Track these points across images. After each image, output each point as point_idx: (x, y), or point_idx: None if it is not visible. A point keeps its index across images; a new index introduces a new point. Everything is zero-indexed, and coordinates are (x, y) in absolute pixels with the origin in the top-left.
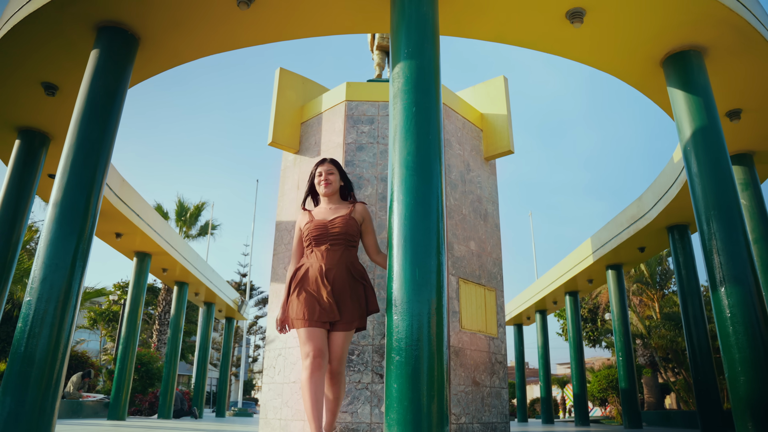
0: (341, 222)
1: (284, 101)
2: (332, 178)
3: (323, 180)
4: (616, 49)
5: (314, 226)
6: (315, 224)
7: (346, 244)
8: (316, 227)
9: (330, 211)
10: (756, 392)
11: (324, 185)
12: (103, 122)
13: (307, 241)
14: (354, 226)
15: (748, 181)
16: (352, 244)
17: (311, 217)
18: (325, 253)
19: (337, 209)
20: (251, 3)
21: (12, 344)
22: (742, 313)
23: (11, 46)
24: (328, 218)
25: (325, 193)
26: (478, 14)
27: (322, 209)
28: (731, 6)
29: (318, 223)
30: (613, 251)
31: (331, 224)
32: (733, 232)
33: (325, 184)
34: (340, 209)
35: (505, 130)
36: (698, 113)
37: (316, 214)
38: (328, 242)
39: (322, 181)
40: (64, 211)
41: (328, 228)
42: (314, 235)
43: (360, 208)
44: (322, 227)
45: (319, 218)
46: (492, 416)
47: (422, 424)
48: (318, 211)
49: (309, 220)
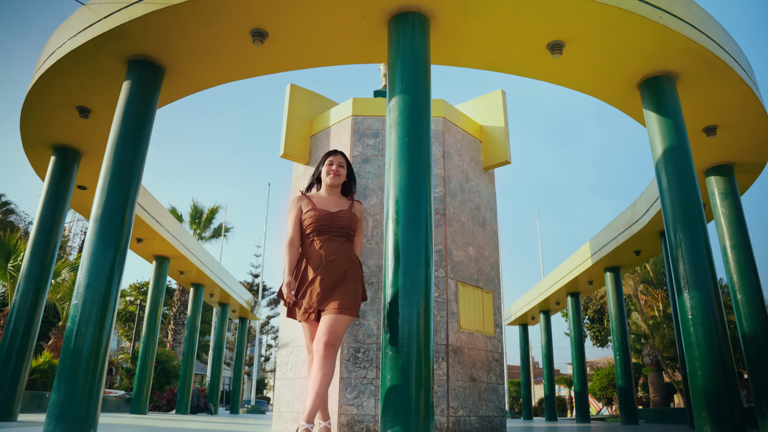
0: (346, 216)
1: (295, 115)
2: (342, 171)
3: (334, 170)
4: (595, 75)
5: (319, 215)
6: (320, 213)
7: (347, 237)
8: (321, 216)
9: (332, 203)
10: (711, 385)
11: (333, 175)
12: (135, 146)
13: (309, 228)
14: (355, 222)
15: (728, 190)
16: (350, 237)
17: (312, 204)
18: (326, 243)
19: (338, 202)
20: (265, 40)
21: (63, 341)
22: (702, 315)
23: (52, 76)
24: (332, 209)
25: (332, 183)
26: (467, 46)
27: (324, 199)
28: (695, 38)
29: (323, 212)
30: (610, 254)
31: (336, 216)
32: (696, 242)
33: (335, 174)
34: (341, 203)
35: (503, 142)
36: (668, 134)
37: (317, 202)
38: (331, 233)
39: (332, 170)
40: (104, 226)
41: (333, 219)
42: (319, 224)
43: (359, 206)
44: (327, 218)
45: (322, 207)
46: (489, 410)
47: (411, 408)
48: (320, 200)
49: (311, 207)
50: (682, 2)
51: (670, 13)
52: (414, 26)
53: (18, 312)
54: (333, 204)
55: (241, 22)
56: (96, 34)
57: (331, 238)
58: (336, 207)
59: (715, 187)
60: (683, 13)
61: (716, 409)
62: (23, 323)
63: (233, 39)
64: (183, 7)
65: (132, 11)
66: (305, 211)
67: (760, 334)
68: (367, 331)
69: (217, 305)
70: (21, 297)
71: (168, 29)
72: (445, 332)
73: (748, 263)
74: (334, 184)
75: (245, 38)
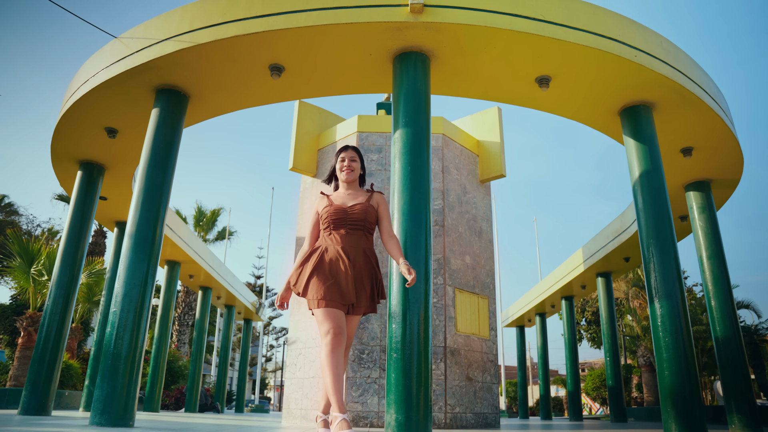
0: (361, 208)
1: (303, 131)
2: (355, 165)
3: (346, 166)
4: (579, 104)
5: (334, 210)
6: (335, 208)
7: (364, 230)
8: (335, 211)
9: (349, 197)
10: (676, 383)
11: (346, 172)
12: (164, 167)
13: (325, 224)
14: (372, 213)
15: (704, 205)
16: (369, 230)
17: (330, 201)
18: (343, 237)
19: (355, 196)
20: (282, 73)
21: (104, 344)
22: (670, 321)
23: (86, 102)
24: (347, 203)
25: (346, 179)
26: (463, 80)
27: (341, 195)
28: (667, 74)
29: (338, 207)
30: (601, 260)
31: (351, 209)
32: (667, 257)
33: (348, 170)
34: (358, 196)
35: (499, 156)
36: (644, 158)
37: (334, 198)
38: (347, 227)
39: (345, 167)
40: (138, 242)
41: (348, 213)
42: (334, 218)
43: (378, 196)
44: (342, 212)
45: (338, 203)
46: (483, 407)
47: (412, 403)
48: (337, 196)
49: (328, 204)
50: (656, 41)
51: (644, 52)
52: (416, 65)
53: (50, 316)
54: (349, 198)
55: (261, 59)
56: (129, 66)
57: (348, 232)
58: (352, 200)
59: (693, 201)
60: (657, 51)
61: (680, 406)
62: (55, 327)
63: (253, 72)
64: (209, 46)
65: (162, 48)
66: (323, 208)
67: (731, 338)
68: (372, 335)
69: (223, 307)
70: (53, 302)
71: (194, 64)
72: (443, 335)
73: (721, 272)
74: (349, 180)
75: (264, 72)
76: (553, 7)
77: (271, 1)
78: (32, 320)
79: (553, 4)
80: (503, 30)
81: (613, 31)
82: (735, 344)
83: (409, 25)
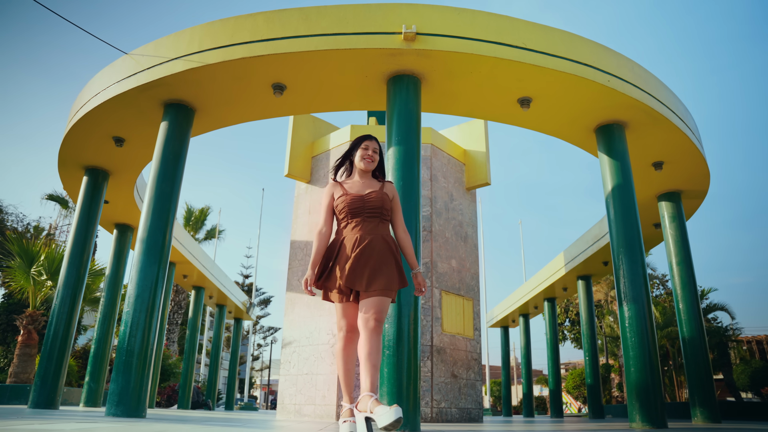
0: (376, 196)
1: (297, 139)
2: (376, 157)
3: (369, 155)
4: (558, 123)
5: (351, 198)
6: (351, 197)
7: (381, 218)
8: (353, 199)
9: (363, 186)
10: (640, 379)
11: (368, 161)
12: (172, 179)
13: (342, 213)
14: (387, 201)
15: (675, 214)
16: (385, 217)
17: (344, 190)
18: (361, 224)
19: (369, 185)
20: (284, 92)
21: (118, 341)
22: (636, 323)
23: (96, 113)
24: (362, 192)
25: (366, 168)
26: (451, 100)
27: (356, 183)
28: (637, 97)
29: (354, 195)
30: (582, 264)
31: (367, 197)
32: (634, 264)
33: (370, 160)
34: (372, 185)
35: (484, 165)
36: (616, 174)
37: (349, 187)
38: (365, 214)
39: (368, 155)
40: (149, 247)
41: (365, 200)
42: (352, 207)
43: (390, 186)
44: (359, 200)
45: (354, 191)
46: (467, 403)
47: (402, 395)
48: (351, 185)
49: (343, 193)
50: (627, 66)
51: (617, 77)
52: (408, 87)
53: (58, 315)
54: (364, 186)
55: (264, 78)
56: (140, 82)
57: (364, 219)
58: (367, 189)
59: (665, 211)
60: (629, 76)
61: (643, 398)
62: (63, 325)
63: (257, 90)
64: (217, 66)
65: (173, 66)
66: (337, 197)
67: (696, 338)
68: None
69: (214, 307)
70: (60, 302)
71: (202, 81)
72: (430, 335)
73: (689, 277)
74: (368, 170)
75: (267, 90)
76: (533, 36)
77: (276, 26)
78: (32, 319)
79: (533, 33)
80: (488, 57)
81: (588, 57)
82: (699, 344)
83: (403, 52)
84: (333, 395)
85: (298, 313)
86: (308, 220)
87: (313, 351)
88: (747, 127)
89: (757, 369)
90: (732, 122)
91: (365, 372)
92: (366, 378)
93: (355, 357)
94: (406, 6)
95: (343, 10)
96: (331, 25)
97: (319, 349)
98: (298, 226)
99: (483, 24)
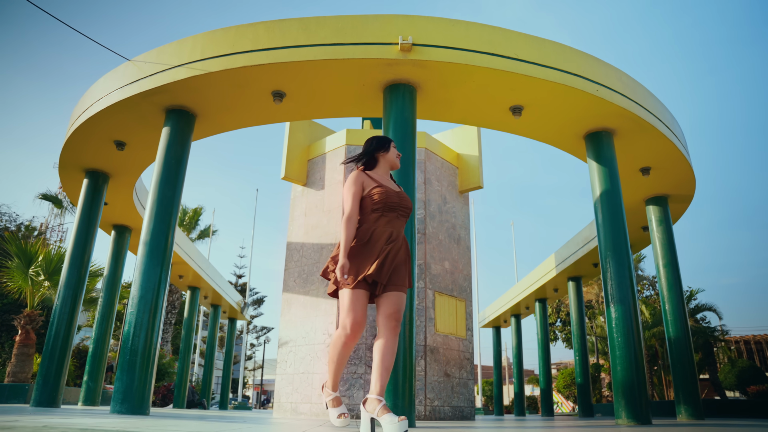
0: (406, 196)
1: (294, 143)
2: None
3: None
4: (549, 130)
5: (388, 193)
6: (388, 192)
7: (406, 217)
8: (390, 194)
9: (391, 183)
10: (626, 377)
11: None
12: (174, 183)
13: (378, 205)
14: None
15: (662, 218)
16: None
17: (377, 181)
18: (393, 222)
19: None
20: (283, 99)
21: (122, 341)
22: (623, 324)
23: (99, 118)
24: (394, 189)
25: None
26: (446, 107)
27: (384, 179)
28: (625, 105)
29: (391, 191)
30: (572, 266)
31: (402, 195)
32: (622, 268)
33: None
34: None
35: (477, 169)
36: (605, 180)
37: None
38: (399, 211)
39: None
40: (152, 250)
41: (402, 199)
42: (389, 201)
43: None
44: (396, 196)
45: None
46: (460, 401)
47: (399, 392)
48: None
49: (378, 184)
50: (615, 76)
51: (605, 86)
52: (404, 95)
53: (59, 316)
54: (392, 185)
55: (264, 86)
56: (143, 89)
57: (398, 216)
58: (396, 188)
59: (652, 214)
60: (616, 85)
61: (629, 396)
62: (64, 325)
63: (257, 97)
64: (219, 74)
65: (175, 73)
66: (371, 187)
67: (682, 339)
68: None
69: (209, 307)
70: (61, 302)
71: (203, 88)
72: (423, 335)
73: (675, 279)
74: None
75: (267, 97)
76: (525, 47)
77: (276, 36)
78: (30, 318)
79: (525, 44)
80: (481, 67)
81: (578, 68)
82: (685, 345)
83: (399, 62)
84: None
85: (294, 313)
86: (304, 222)
87: (309, 350)
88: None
89: (743, 368)
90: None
91: (377, 374)
92: (377, 380)
93: (348, 357)
94: (402, 17)
95: (341, 21)
96: (330, 35)
97: (315, 349)
98: (294, 228)
99: (476, 35)
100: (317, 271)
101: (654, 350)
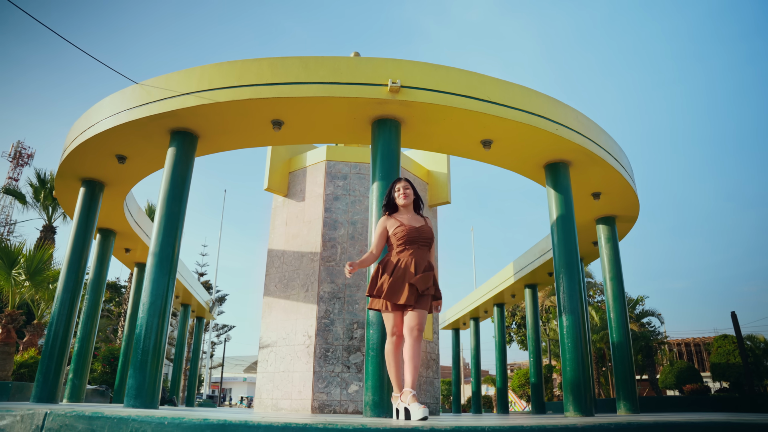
0: (429, 229)
1: (276, 155)
2: (409, 192)
3: (402, 193)
4: (514, 160)
5: (408, 229)
6: (408, 228)
7: (429, 247)
8: (411, 230)
9: (414, 219)
10: (574, 377)
11: (403, 196)
12: (179, 200)
13: (401, 240)
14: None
15: (609, 236)
16: (431, 247)
17: (400, 221)
18: (416, 252)
19: (417, 219)
20: (281, 126)
21: (134, 342)
22: (573, 331)
23: (105, 135)
24: (415, 225)
25: (405, 204)
26: (426, 139)
27: (406, 217)
28: (580, 142)
29: (410, 227)
30: (529, 274)
31: (422, 230)
32: (572, 281)
33: (404, 196)
34: (419, 219)
35: (446, 186)
36: (560, 205)
37: (404, 220)
38: (419, 243)
39: (402, 193)
40: (161, 260)
41: (420, 232)
42: (410, 236)
43: (430, 222)
44: (415, 231)
45: (408, 224)
46: (427, 398)
47: (383, 388)
48: (403, 218)
49: (400, 224)
50: (573, 116)
51: (563, 125)
52: (390, 129)
53: (58, 317)
54: (415, 220)
55: (265, 115)
56: (151, 112)
57: (419, 247)
58: (418, 222)
59: (601, 233)
60: (573, 124)
61: (575, 393)
62: (62, 326)
63: (257, 124)
64: (224, 104)
65: (184, 100)
66: (395, 227)
67: (624, 343)
68: (335, 335)
69: (179, 306)
70: (60, 305)
71: (208, 114)
72: None
73: (619, 291)
74: (406, 204)
75: (267, 124)
76: (496, 90)
77: (279, 72)
78: (11, 318)
79: (496, 88)
80: (458, 108)
81: (541, 109)
82: (626, 348)
83: (388, 101)
84: (308, 390)
85: (275, 316)
86: (285, 231)
87: (290, 351)
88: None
89: (681, 369)
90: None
91: (408, 371)
92: (409, 376)
93: (401, 358)
94: (391, 61)
95: (338, 62)
96: (327, 74)
97: (296, 349)
98: (275, 236)
99: (455, 79)
100: (297, 277)
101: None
